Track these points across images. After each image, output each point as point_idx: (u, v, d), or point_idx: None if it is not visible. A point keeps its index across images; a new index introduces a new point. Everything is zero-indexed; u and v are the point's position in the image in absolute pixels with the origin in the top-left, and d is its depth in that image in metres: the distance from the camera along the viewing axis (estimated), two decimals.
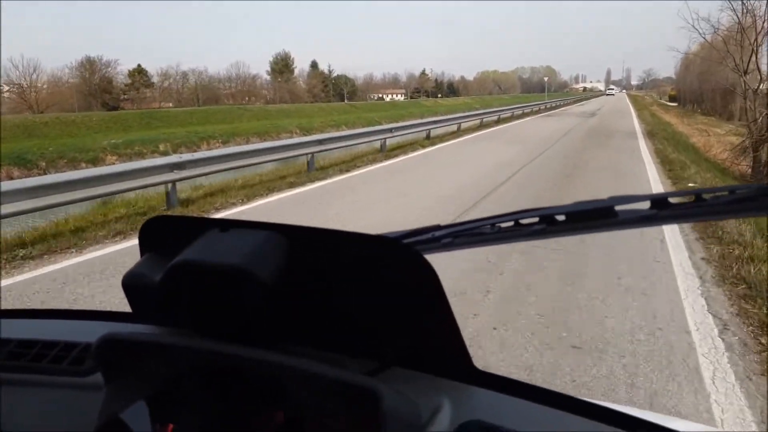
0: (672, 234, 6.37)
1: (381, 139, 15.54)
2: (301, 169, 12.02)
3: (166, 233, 0.77)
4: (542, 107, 45.65)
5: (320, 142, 12.24)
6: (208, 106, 59.38)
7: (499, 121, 29.30)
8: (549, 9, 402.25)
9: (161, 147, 29.53)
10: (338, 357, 0.72)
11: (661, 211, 0.68)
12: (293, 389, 0.65)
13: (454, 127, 22.71)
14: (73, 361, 0.83)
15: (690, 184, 9.85)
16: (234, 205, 8.69)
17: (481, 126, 25.60)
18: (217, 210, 8.37)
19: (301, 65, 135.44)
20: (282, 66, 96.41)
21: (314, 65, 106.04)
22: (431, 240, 0.80)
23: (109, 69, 75.92)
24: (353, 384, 0.61)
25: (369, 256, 0.68)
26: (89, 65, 73.63)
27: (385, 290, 0.69)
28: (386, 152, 15.37)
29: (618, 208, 0.69)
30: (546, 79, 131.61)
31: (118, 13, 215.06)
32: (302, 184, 10.40)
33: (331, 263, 0.69)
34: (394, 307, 0.70)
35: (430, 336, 0.71)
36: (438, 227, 0.82)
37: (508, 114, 32.67)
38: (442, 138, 19.87)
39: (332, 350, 0.73)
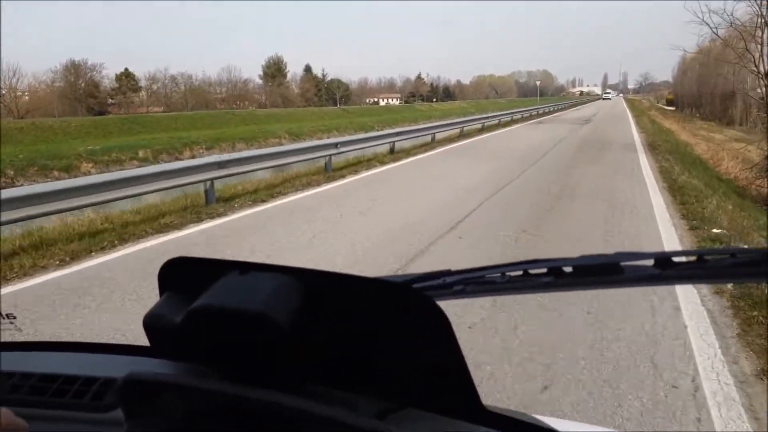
0: None
1: (325, 156, 12.70)
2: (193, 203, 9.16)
3: (185, 274, 0.80)
4: (534, 113, 42.70)
5: (219, 165, 9.27)
6: (197, 111, 57.43)
7: (483, 130, 26.42)
8: (548, 8, 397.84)
9: (141, 153, 28.38)
10: (353, 397, 0.74)
11: (665, 270, 0.71)
12: None
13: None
14: (94, 396, 0.84)
15: (714, 230, 7.01)
16: None
17: (461, 136, 22.71)
18: None
19: (294, 69, 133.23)
20: (274, 70, 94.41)
21: (308, 69, 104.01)
22: (443, 286, 0.82)
23: (95, 72, 73.78)
24: (365, 428, 0.63)
25: (382, 300, 0.71)
26: (74, 69, 71.31)
27: (398, 333, 0.72)
28: (331, 173, 12.53)
29: (624, 263, 0.73)
30: (538, 83, 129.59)
31: (105, 15, 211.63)
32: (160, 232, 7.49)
33: (345, 307, 0.73)
34: (406, 350, 0.73)
35: (441, 378, 0.73)
36: (449, 272, 0.84)
37: (494, 122, 29.76)
38: (409, 152, 17.04)
39: (347, 389, 0.75)
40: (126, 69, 77.20)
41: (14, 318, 1.28)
